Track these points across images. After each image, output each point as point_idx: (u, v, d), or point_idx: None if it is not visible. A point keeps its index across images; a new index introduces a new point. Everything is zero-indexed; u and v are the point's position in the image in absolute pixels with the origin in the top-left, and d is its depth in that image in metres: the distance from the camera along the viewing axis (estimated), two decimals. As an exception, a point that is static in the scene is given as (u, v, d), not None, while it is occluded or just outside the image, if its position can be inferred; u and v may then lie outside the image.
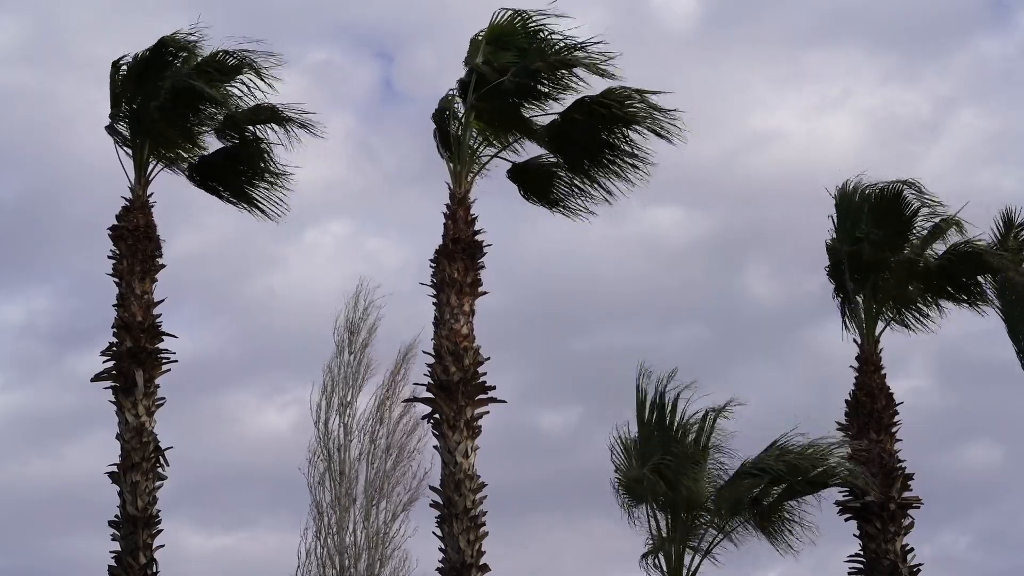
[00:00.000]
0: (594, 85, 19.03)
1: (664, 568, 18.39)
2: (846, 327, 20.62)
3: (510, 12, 19.04)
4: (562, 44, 18.95)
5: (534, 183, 20.16)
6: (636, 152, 19.30)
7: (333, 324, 31.46)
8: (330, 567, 29.85)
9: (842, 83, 48.29)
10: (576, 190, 20.03)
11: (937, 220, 20.78)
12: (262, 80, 19.22)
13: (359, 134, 46.12)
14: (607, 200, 19.92)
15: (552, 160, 19.88)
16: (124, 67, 19.27)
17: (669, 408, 18.69)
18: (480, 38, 19.18)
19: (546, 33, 19.04)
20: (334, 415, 30.87)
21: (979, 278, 20.81)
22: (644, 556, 18.45)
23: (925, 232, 20.93)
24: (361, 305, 31.70)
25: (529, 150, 19.85)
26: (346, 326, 31.48)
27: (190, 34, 19.14)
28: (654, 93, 18.76)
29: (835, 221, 20.87)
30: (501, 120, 19.44)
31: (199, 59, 19.26)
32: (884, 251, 20.54)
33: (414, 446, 30.78)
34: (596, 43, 18.72)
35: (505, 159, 19.82)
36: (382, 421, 30.91)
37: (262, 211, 20.48)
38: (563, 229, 40.54)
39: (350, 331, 31.47)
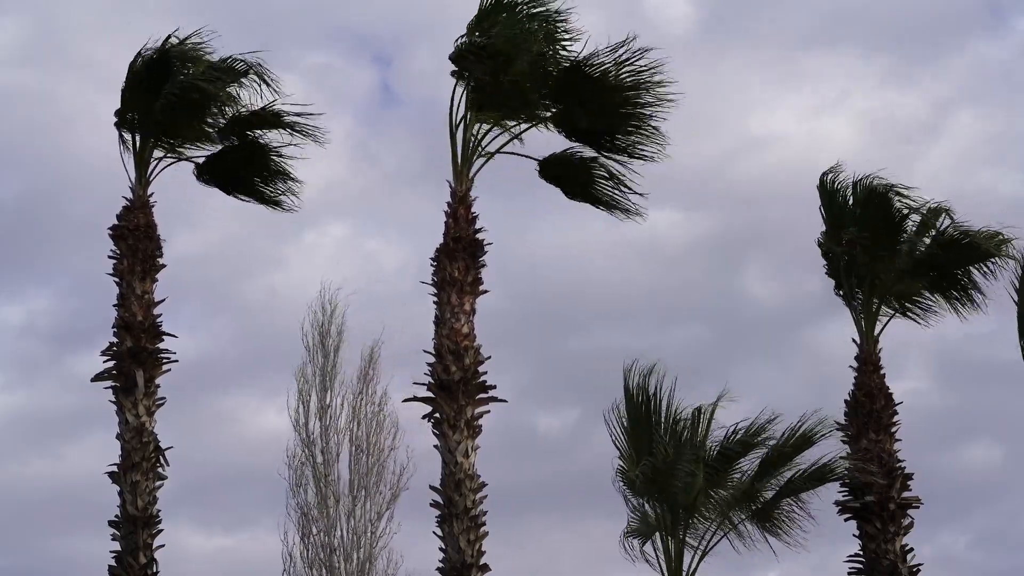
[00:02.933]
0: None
1: (663, 567, 18.42)
2: (856, 321, 20.55)
3: None
4: (524, 16, 18.77)
5: (573, 181, 19.90)
6: (644, 124, 19.23)
7: (300, 330, 31.68)
8: (318, 568, 29.91)
9: (840, 85, 48.38)
10: (618, 184, 19.83)
11: (924, 212, 20.66)
12: (267, 85, 19.34)
13: (358, 136, 46.19)
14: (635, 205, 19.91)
15: (581, 153, 19.68)
16: (139, 63, 19.28)
17: (654, 405, 18.67)
18: (472, 23, 18.91)
19: (527, 15, 18.86)
20: (312, 418, 31.05)
21: (972, 268, 20.73)
22: (626, 534, 18.38)
23: (914, 228, 20.86)
24: (328, 308, 31.91)
25: (537, 143, 19.83)
26: (316, 329, 31.67)
27: (195, 40, 19.20)
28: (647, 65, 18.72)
29: (823, 216, 20.82)
30: (498, 112, 19.16)
31: (206, 63, 19.28)
32: (877, 254, 20.50)
33: (390, 444, 30.95)
34: (557, 11, 18.64)
35: (515, 152, 19.68)
36: (358, 422, 31.03)
37: (275, 204, 20.53)
38: (564, 230, 40.73)
39: (321, 335, 31.64)
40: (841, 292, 20.64)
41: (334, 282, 32.48)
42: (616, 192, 19.95)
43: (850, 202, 20.61)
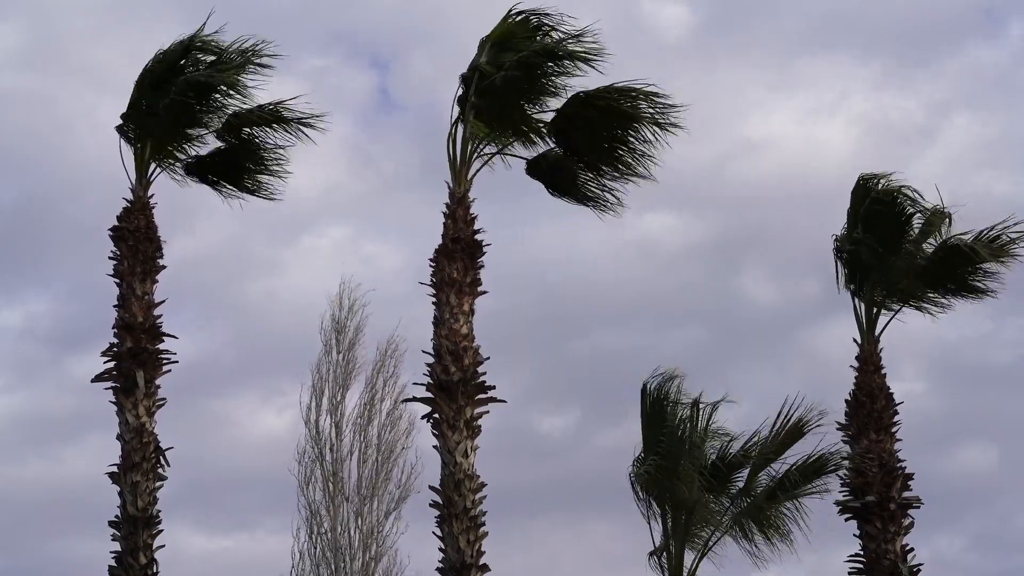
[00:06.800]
0: (588, 83, 19.08)
1: (665, 568, 18.46)
2: (858, 321, 20.58)
3: (519, 15, 19.02)
4: (547, 39, 18.90)
5: (558, 178, 19.95)
6: (638, 148, 19.31)
7: (319, 324, 31.64)
8: (324, 567, 29.91)
9: (836, 88, 48.48)
10: (599, 185, 19.89)
11: (928, 214, 20.73)
12: (264, 71, 19.38)
13: (356, 140, 46.29)
14: (611, 204, 19.94)
15: (562, 153, 19.76)
16: (151, 64, 19.31)
17: (667, 406, 18.76)
18: (487, 39, 19.12)
19: (545, 31, 19.03)
20: (324, 415, 30.98)
21: (970, 269, 20.79)
22: (651, 554, 18.50)
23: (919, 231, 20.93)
24: (346, 304, 31.82)
25: (533, 150, 19.85)
26: (332, 326, 31.57)
27: (207, 39, 19.23)
28: (653, 93, 18.79)
29: (849, 217, 20.82)
30: (502, 118, 19.30)
31: (208, 61, 19.36)
32: (881, 254, 20.55)
33: (403, 443, 30.91)
34: (581, 35, 18.70)
35: (514, 155, 19.77)
36: (371, 420, 30.98)
37: (259, 196, 20.48)
38: (562, 232, 40.81)
39: (337, 331, 31.53)
40: (852, 287, 20.62)
41: (354, 278, 32.60)
42: (600, 189, 19.96)
43: (860, 199, 20.68)
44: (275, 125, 19.73)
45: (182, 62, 19.34)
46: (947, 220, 20.51)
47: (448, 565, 17.71)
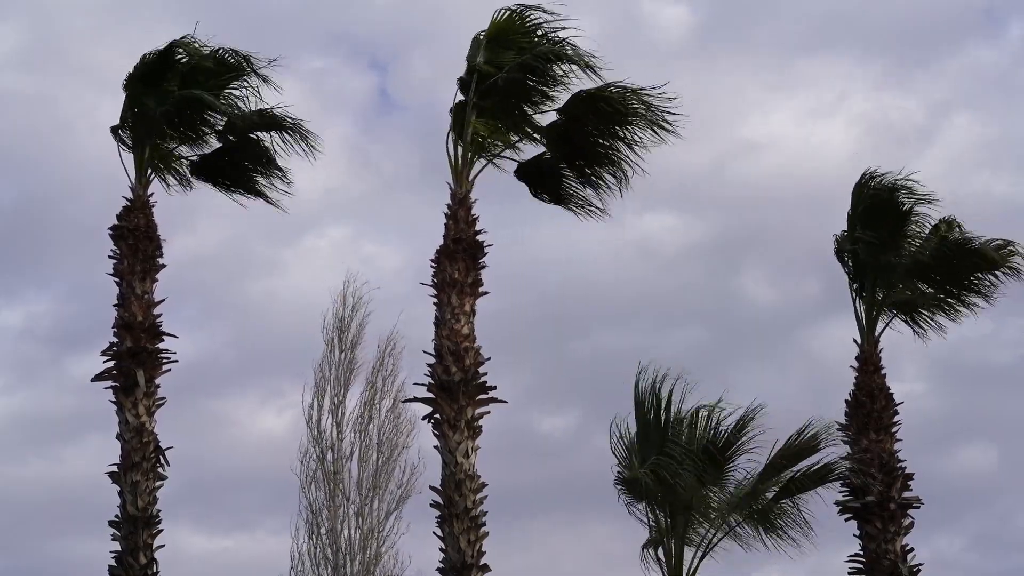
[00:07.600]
0: (588, 83, 19.10)
1: (664, 567, 18.45)
2: (858, 321, 20.60)
3: (509, 11, 19.01)
4: (550, 40, 18.90)
5: (543, 181, 20.02)
6: (634, 149, 19.33)
7: (321, 323, 31.56)
8: (324, 567, 29.86)
9: (836, 88, 48.47)
10: (581, 188, 19.95)
11: (936, 222, 20.76)
12: (263, 81, 19.36)
13: (356, 141, 46.31)
14: (599, 207, 19.98)
15: (556, 157, 19.80)
16: (141, 64, 19.32)
17: (664, 407, 18.75)
18: (481, 37, 19.14)
19: (543, 31, 19.04)
20: (326, 414, 30.90)
21: (978, 274, 20.82)
22: (644, 546, 18.50)
23: (920, 231, 20.93)
24: (350, 302, 31.75)
25: (532, 150, 19.88)
26: (335, 324, 31.49)
27: (196, 42, 19.22)
28: (650, 91, 18.81)
29: (849, 216, 20.83)
30: (502, 119, 19.36)
31: (204, 56, 19.30)
32: (879, 253, 20.56)
33: (404, 443, 30.84)
34: (582, 38, 18.77)
35: (511, 158, 19.82)
36: (371, 419, 30.91)
37: (267, 200, 20.50)
38: (562, 233, 40.82)
39: (340, 328, 31.45)
40: (855, 286, 20.64)
41: (359, 275, 32.49)
42: (584, 193, 20.00)
43: (859, 198, 20.68)
44: (273, 132, 19.76)
45: (176, 64, 19.34)
46: (957, 228, 20.54)
47: (449, 565, 17.71)
